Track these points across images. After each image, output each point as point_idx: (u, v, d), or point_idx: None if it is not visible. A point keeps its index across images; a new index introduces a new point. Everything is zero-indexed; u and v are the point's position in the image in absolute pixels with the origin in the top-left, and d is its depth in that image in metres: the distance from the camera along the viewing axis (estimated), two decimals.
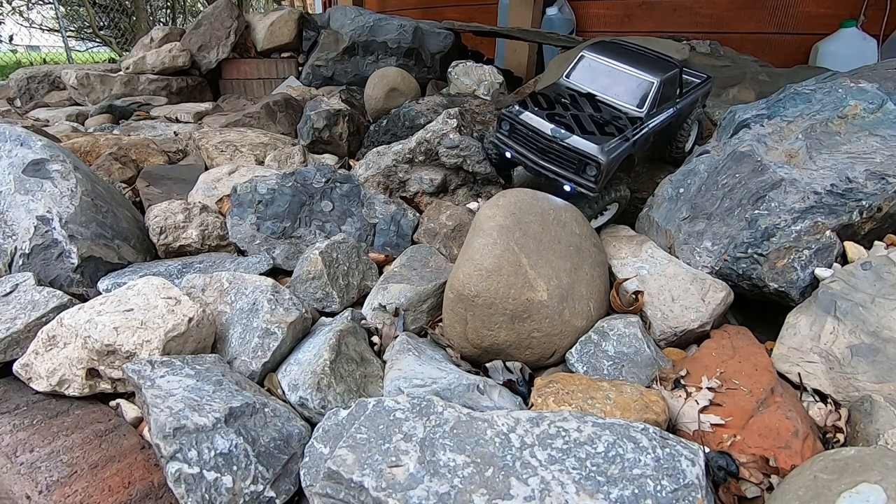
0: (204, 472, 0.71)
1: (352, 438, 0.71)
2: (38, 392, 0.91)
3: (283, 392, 0.94)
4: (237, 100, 3.30)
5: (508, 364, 1.03)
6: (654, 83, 1.32)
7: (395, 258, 1.39)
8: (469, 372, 0.99)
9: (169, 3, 6.90)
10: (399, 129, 2.06)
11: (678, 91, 1.43)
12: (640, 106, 1.32)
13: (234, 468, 0.73)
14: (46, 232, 1.19)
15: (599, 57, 1.41)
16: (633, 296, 1.13)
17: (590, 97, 1.38)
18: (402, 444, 0.70)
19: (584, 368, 1.00)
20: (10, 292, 1.07)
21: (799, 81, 1.32)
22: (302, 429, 0.85)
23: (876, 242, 1.09)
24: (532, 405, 0.89)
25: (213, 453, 0.73)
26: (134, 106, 2.89)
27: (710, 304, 1.07)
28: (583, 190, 1.27)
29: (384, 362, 1.05)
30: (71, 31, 6.59)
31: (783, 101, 1.27)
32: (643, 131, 1.31)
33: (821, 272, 1.03)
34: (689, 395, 0.91)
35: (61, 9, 6.01)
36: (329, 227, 1.45)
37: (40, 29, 6.79)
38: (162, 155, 2.01)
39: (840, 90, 1.19)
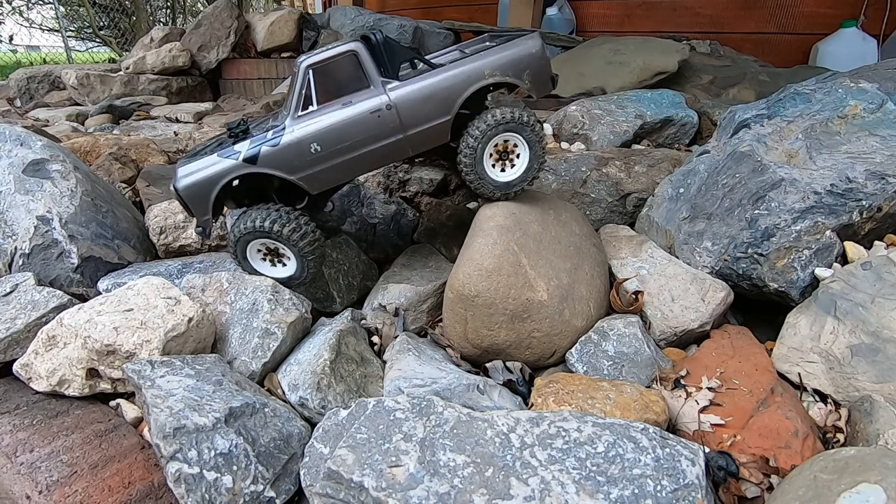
0: (204, 472, 0.71)
1: (352, 438, 0.72)
2: (38, 392, 0.91)
3: (283, 392, 0.94)
4: (237, 100, 3.30)
5: (508, 364, 1.03)
6: (296, 73, 0.98)
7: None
8: (469, 372, 0.99)
9: (169, 3, 6.90)
10: None
11: (366, 71, 0.99)
12: (288, 109, 1.00)
13: (234, 468, 0.73)
14: (46, 232, 1.19)
15: None
16: (633, 296, 1.13)
17: None
18: (402, 444, 0.70)
19: (584, 368, 1.00)
20: (10, 292, 1.07)
21: (799, 81, 1.31)
22: (302, 429, 0.85)
23: (876, 242, 1.08)
24: (532, 405, 0.89)
25: (213, 453, 0.73)
26: (134, 106, 2.89)
27: (710, 304, 1.07)
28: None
29: (384, 362, 1.05)
30: (71, 31, 6.59)
31: (783, 101, 1.27)
32: (272, 140, 0.97)
33: (821, 272, 1.03)
34: (689, 395, 0.91)
35: (61, 9, 6.01)
36: (329, 227, 1.45)
37: (40, 29, 6.79)
38: (162, 155, 2.01)
39: (840, 90, 1.19)
